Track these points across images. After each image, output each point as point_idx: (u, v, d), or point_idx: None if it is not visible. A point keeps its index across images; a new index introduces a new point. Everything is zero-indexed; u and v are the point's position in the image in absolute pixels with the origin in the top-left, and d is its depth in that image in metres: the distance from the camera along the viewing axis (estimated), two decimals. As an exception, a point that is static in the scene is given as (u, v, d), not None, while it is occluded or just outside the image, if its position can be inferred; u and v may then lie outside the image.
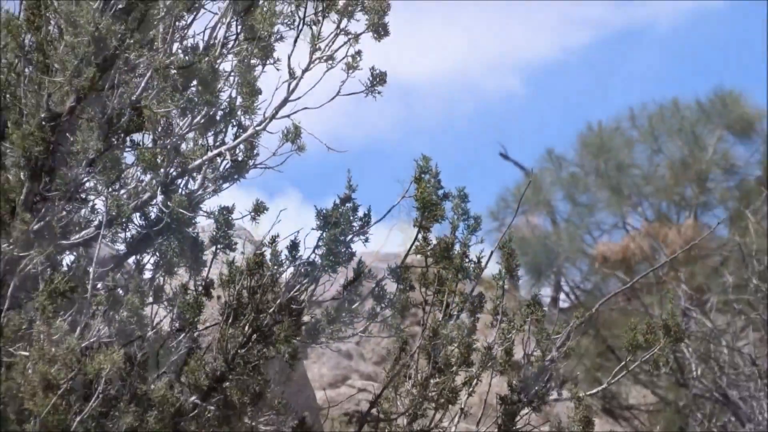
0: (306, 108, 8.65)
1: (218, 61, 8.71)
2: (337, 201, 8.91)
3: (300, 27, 8.58)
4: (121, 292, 8.10)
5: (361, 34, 8.60)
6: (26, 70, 8.27)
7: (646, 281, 22.73)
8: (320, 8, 8.69)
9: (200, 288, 8.43)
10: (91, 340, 7.40)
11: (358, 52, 8.64)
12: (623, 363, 10.03)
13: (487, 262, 9.49)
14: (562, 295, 26.45)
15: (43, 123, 8.00)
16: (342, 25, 8.57)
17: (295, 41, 8.68)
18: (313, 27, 8.58)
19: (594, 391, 11.09)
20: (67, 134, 7.92)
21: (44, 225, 7.71)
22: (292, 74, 8.63)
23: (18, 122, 8.09)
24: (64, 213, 8.05)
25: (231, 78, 8.73)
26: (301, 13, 8.65)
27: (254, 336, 8.30)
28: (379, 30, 8.53)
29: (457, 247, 9.16)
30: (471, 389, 8.99)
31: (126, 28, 8.09)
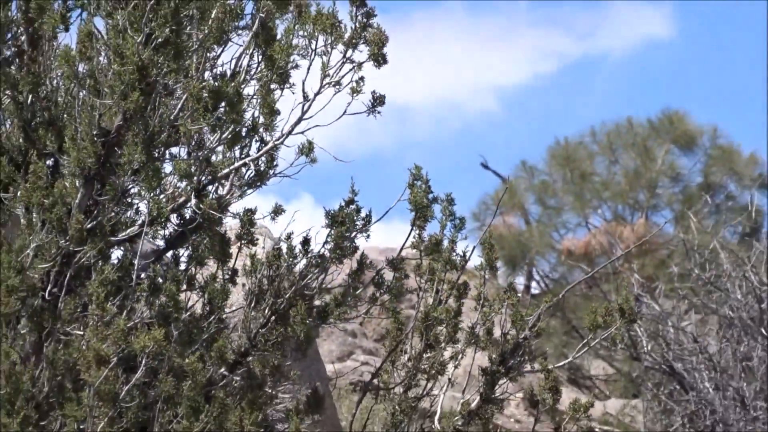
0: (317, 125, 8.66)
1: (243, 86, 8.58)
2: (343, 203, 8.87)
3: (312, 57, 8.49)
4: (160, 280, 8.18)
5: (363, 62, 8.54)
6: (80, 93, 8.17)
7: (605, 271, 23.56)
8: (329, 41, 8.58)
9: (227, 277, 8.49)
10: (136, 321, 7.55)
11: (361, 78, 8.52)
12: (585, 340, 10.01)
13: (470, 256, 9.52)
14: (533, 283, 28.69)
15: (95, 139, 8.00)
16: (347, 55, 8.51)
17: (308, 69, 8.55)
18: (323, 57, 8.48)
19: (561, 364, 11.05)
20: (115, 148, 7.94)
21: (96, 224, 7.68)
22: (305, 97, 8.51)
23: (74, 138, 7.97)
24: (113, 214, 8.01)
25: (254, 100, 8.63)
26: (313, 45, 8.57)
27: (273, 318, 8.41)
28: (379, 59, 8.48)
29: (445, 242, 9.28)
30: (457, 363, 9.12)
31: (164, 59, 8.12)
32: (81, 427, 7.27)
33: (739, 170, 29.02)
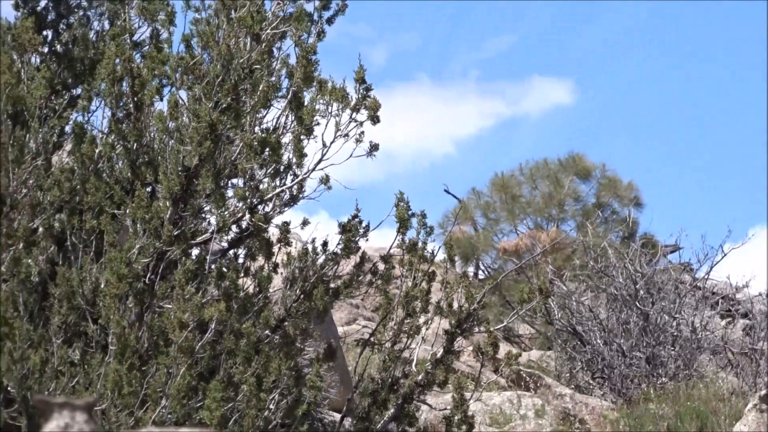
0: (332, 164, 8.94)
1: (281, 137, 8.90)
2: (350, 217, 9.19)
3: (329, 118, 8.76)
4: (224, 270, 8.51)
5: (364, 122, 8.85)
6: (170, 142, 8.63)
7: (529, 264, 24.44)
8: (340, 107, 8.87)
9: (270, 268, 8.70)
10: (207, 298, 7.96)
11: (362, 132, 8.88)
12: (516, 310, 10.70)
13: (436, 253, 9.81)
14: (480, 272, 29.29)
15: (180, 173, 8.38)
16: (353, 116, 8.82)
17: (326, 125, 8.82)
18: (336, 117, 8.78)
19: (498, 327, 11.22)
20: (194, 179, 8.32)
21: (180, 232, 8.08)
22: (324, 145, 8.79)
23: (165, 172, 8.36)
24: (192, 225, 8.37)
25: (289, 147, 8.89)
26: (329, 110, 8.82)
27: (302, 296, 8.67)
28: (374, 119, 8.86)
29: (419, 244, 9.44)
30: (428, 326, 9.36)
31: (227, 118, 8.48)
32: (169, 371, 7.46)
33: (621, 194, 30.86)
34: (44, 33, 9.55)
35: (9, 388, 7.57)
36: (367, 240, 9.39)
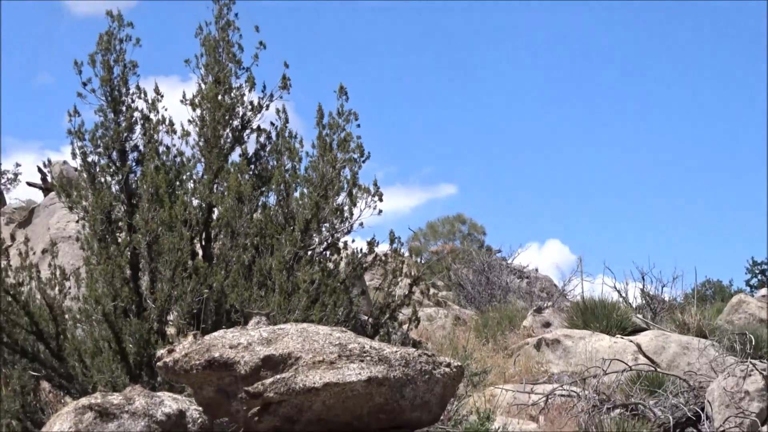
0: (363, 220, 9.86)
1: (343, 206, 9.89)
2: (370, 239, 10.33)
3: (364, 198, 9.82)
4: (322, 259, 9.98)
5: (376, 201, 9.85)
6: (299, 209, 9.71)
7: (442, 256, 27.48)
8: (363, 195, 9.88)
9: (341, 258, 10.13)
10: (315, 270, 9.43)
11: (376, 206, 9.80)
12: (435, 276, 12.66)
13: (405, 252, 11.26)
14: (422, 260, 32.92)
15: (304, 220, 9.62)
16: (372, 198, 9.80)
17: (362, 200, 9.80)
18: (366, 198, 9.92)
19: (429, 281, 12.92)
20: (309, 223, 9.77)
21: (304, 244, 9.57)
22: (360, 210, 9.85)
23: (299, 220, 9.62)
24: (310, 242, 9.88)
25: (346, 210, 9.95)
26: (364, 195, 9.92)
27: (353, 269, 10.19)
28: (381, 197, 9.77)
29: (398, 249, 10.54)
30: (401, 281, 10.33)
31: (323, 201, 9.77)
32: (299, 300, 9.22)
33: (478, 229, 35.58)
34: (251, 164, 10.43)
35: (236, 305, 9.30)
36: (377, 245, 10.41)
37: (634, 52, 62.87)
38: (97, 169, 9.93)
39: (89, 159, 9.90)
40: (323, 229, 9.92)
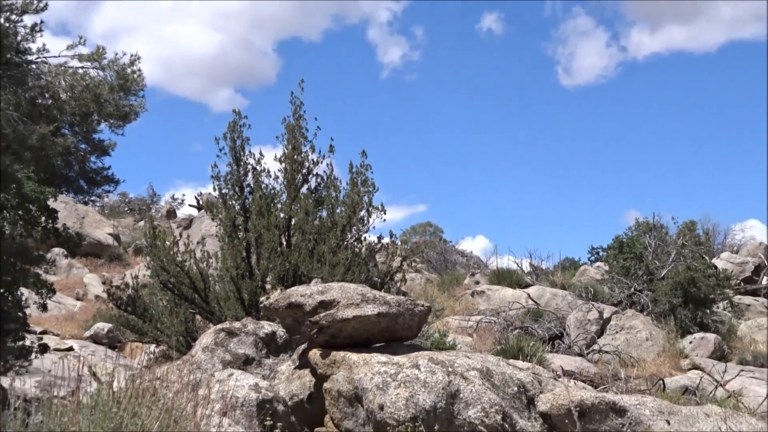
0: (374, 225, 9.59)
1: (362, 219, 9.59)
2: (378, 237, 9.91)
3: (374, 212, 9.57)
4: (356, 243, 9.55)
5: (382, 214, 9.57)
6: (332, 224, 9.47)
7: (419, 245, 21.07)
8: (374, 211, 9.58)
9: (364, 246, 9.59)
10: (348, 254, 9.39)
11: (383, 218, 9.48)
12: (414, 256, 11.04)
13: (400, 242, 10.45)
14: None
15: (342, 227, 9.41)
16: (380, 212, 9.53)
17: (372, 217, 9.53)
18: (376, 212, 9.54)
19: (414, 257, 12.20)
20: (345, 228, 9.43)
21: (340, 240, 9.22)
22: (369, 220, 9.54)
23: (335, 226, 9.39)
24: (344, 240, 9.42)
25: (363, 220, 9.59)
26: (375, 210, 9.60)
27: (369, 252, 9.68)
28: (384, 212, 9.52)
29: (397, 242, 10.25)
30: (397, 258, 9.85)
31: (350, 215, 9.46)
32: (332, 268, 8.86)
33: (437, 230, 29.94)
34: (312, 194, 9.87)
35: (304, 272, 8.93)
36: (382, 239, 9.94)
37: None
38: (227, 197, 9.74)
39: (223, 191, 9.74)
40: (352, 230, 9.64)
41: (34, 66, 5.49)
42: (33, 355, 6.11)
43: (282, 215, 9.65)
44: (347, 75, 58.17)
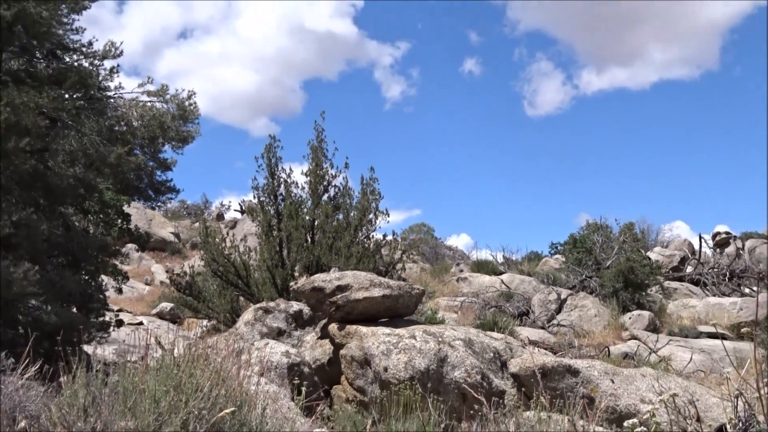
0: (380, 226, 9.48)
1: (372, 219, 9.38)
2: (383, 235, 9.76)
3: (381, 216, 9.42)
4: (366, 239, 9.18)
5: (387, 217, 9.45)
6: (347, 224, 9.34)
7: (416, 242, 20.40)
8: (380, 215, 9.35)
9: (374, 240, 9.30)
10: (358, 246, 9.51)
11: (387, 220, 9.31)
12: (410, 248, 10.32)
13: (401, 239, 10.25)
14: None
15: (353, 229, 9.21)
16: (385, 215, 9.37)
17: (378, 219, 9.39)
18: (382, 216, 9.40)
19: (411, 251, 12.35)
20: (356, 230, 9.20)
21: (354, 234, 9.73)
22: (376, 222, 9.37)
23: (349, 227, 9.18)
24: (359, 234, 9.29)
25: (372, 221, 9.38)
26: (382, 214, 9.42)
27: (376, 245, 9.38)
28: (388, 215, 9.36)
29: (398, 239, 9.94)
30: (397, 251, 9.72)
31: (361, 217, 9.29)
32: (346, 260, 8.64)
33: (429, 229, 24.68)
34: (331, 201, 9.55)
35: (325, 263, 8.68)
36: (386, 237, 9.81)
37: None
38: (264, 204, 9.61)
39: (261, 199, 9.61)
40: (363, 229, 9.47)
41: (112, 100, 5.78)
42: (111, 328, 6.21)
43: (307, 218, 9.50)
44: (358, 107, 58.67)
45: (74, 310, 5.58)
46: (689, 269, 15.32)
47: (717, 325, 10.44)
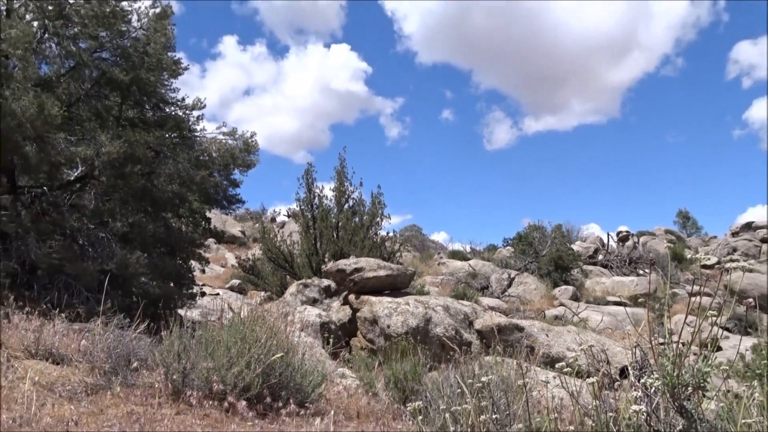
0: (382, 228, 8.88)
1: (379, 223, 8.83)
2: (386, 231, 9.20)
3: (384, 219, 8.84)
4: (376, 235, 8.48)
5: (389, 221, 9.49)
6: (357, 226, 8.78)
7: (409, 236, 17.85)
8: (385, 219, 8.86)
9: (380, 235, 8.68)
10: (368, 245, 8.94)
11: (389, 222, 9.87)
12: (403, 242, 10.71)
13: (397, 234, 9.79)
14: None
15: (352, 231, 8.61)
16: (388, 219, 8.85)
17: (383, 222, 8.85)
18: (385, 219, 8.88)
19: (405, 243, 12.05)
20: (358, 232, 8.62)
21: (363, 234, 8.67)
22: (382, 224, 8.85)
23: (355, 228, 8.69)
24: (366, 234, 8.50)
25: (378, 223, 8.83)
26: (386, 218, 8.88)
27: (382, 241, 8.71)
28: (390, 219, 9.78)
29: (395, 235, 9.59)
30: (393, 243, 9.31)
31: (367, 219, 8.83)
32: (355, 246, 8.49)
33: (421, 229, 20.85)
34: (351, 208, 8.91)
35: (347, 252, 8.06)
36: (388, 234, 9.28)
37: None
38: (303, 211, 9.25)
39: (301, 207, 9.23)
40: (372, 229, 9.02)
41: (198, 138, 5.73)
42: (197, 297, 6.28)
43: (333, 221, 9.25)
44: (368, 143, 58.93)
45: (171, 284, 5.61)
46: (600, 257, 15.23)
47: (620, 296, 10.37)
